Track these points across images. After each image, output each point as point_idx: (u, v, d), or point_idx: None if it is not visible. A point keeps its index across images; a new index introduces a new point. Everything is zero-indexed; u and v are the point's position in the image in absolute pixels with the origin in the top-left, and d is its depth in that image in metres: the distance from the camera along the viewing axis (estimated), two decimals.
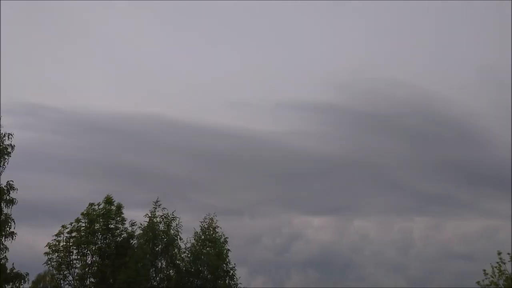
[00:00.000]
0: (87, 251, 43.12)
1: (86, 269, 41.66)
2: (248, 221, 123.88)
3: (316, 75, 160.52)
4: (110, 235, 43.47)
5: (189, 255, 46.68)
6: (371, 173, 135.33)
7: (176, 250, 45.36)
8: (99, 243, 43.08)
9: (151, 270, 43.78)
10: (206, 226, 47.80)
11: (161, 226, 45.08)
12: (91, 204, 43.82)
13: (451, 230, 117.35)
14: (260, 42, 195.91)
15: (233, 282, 47.29)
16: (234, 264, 47.90)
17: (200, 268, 46.11)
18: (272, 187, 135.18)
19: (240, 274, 49.72)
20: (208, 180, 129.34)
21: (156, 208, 45.25)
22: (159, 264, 44.66)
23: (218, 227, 47.89)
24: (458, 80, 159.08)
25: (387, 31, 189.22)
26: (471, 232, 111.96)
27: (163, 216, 45.27)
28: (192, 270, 46.05)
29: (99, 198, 44.69)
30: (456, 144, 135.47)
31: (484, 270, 49.24)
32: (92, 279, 42.88)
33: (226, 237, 47.83)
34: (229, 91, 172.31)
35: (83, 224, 43.35)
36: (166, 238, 44.85)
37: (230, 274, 47.29)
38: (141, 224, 44.69)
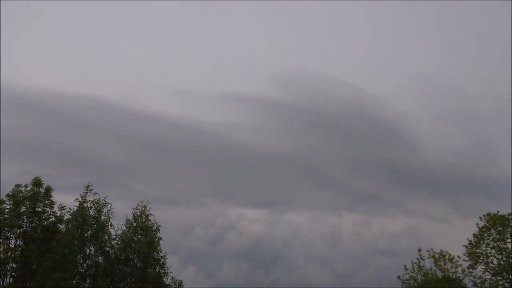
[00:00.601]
0: (10, 235, 41.06)
1: (9, 254, 39.66)
2: (182, 211, 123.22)
3: (260, 69, 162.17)
4: (36, 218, 41.44)
5: (119, 242, 45.85)
6: (306, 169, 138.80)
7: (106, 237, 44.27)
8: (24, 226, 41.11)
9: (79, 256, 42.48)
10: (138, 213, 47.14)
11: (92, 212, 43.80)
12: (18, 186, 41.67)
13: (377, 227, 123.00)
14: (208, 34, 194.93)
15: (163, 271, 47.05)
16: (166, 252, 47.73)
17: (131, 256, 45.44)
18: (208, 178, 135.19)
19: (172, 263, 49.53)
20: (145, 168, 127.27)
21: (87, 193, 43.90)
22: (88, 250, 43.41)
23: (150, 214, 47.44)
24: (395, 84, 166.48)
25: (332, 31, 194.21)
26: (395, 230, 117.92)
27: (94, 202, 43.99)
28: (122, 257, 45.29)
29: (28, 180, 42.68)
30: (388, 145, 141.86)
31: (405, 266, 52.32)
32: (14, 265, 40.96)
33: (159, 225, 47.50)
34: (173, 79, 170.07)
35: (8, 206, 41.24)
36: (96, 224, 43.65)
37: (161, 262, 47.01)
38: (70, 208, 43.18)
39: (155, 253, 46.51)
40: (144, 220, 47.02)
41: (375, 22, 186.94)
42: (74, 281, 40.37)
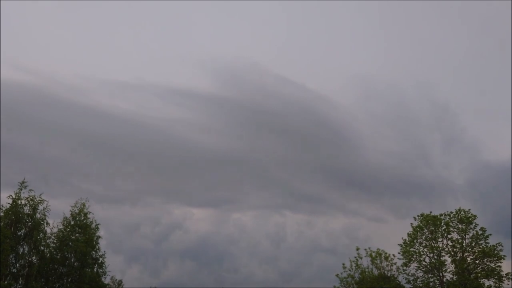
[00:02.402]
0: None
1: None
2: (128, 210, 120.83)
3: (208, 65, 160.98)
4: None
5: (55, 241, 44.34)
6: (251, 169, 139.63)
7: (41, 235, 42.68)
8: None
9: (11, 256, 40.71)
10: (76, 211, 45.77)
11: (26, 209, 42.09)
12: None
13: (320, 226, 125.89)
14: (156, 29, 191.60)
15: (102, 270, 45.94)
16: (104, 251, 46.64)
17: (67, 255, 44.05)
18: (155, 176, 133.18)
19: (116, 262, 48.57)
20: (89, 165, 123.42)
21: (21, 189, 42.14)
22: (21, 249, 41.67)
23: (90, 212, 46.19)
24: (339, 84, 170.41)
25: (281, 30, 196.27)
26: (336, 229, 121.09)
27: (29, 199, 42.29)
28: (58, 256, 43.83)
29: None
30: (332, 146, 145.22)
31: (343, 264, 53.92)
32: None
33: (98, 224, 46.34)
34: (121, 74, 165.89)
35: None
36: (30, 222, 41.99)
37: (99, 262, 45.90)
38: (2, 206, 41.37)
39: (93, 252, 45.33)
40: (82, 218, 45.69)
41: (324, 22, 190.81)
42: (5, 282, 38.74)
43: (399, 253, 50.59)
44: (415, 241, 50.05)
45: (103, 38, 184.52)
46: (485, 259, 46.95)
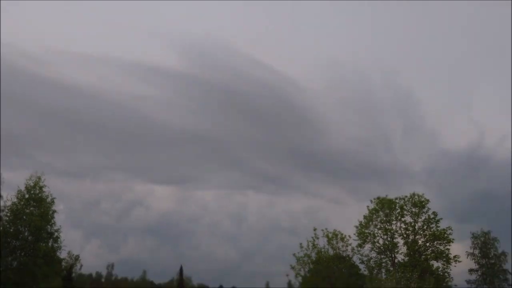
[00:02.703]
0: None
1: None
2: (89, 185, 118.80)
3: (177, 43, 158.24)
4: None
5: (8, 214, 43.29)
6: (215, 148, 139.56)
7: None
8: None
9: None
10: (32, 184, 44.71)
11: None
12: None
13: (281, 207, 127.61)
14: (124, 4, 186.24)
15: (56, 245, 45.26)
16: (60, 226, 45.89)
17: (21, 229, 43.15)
18: (118, 152, 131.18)
19: (75, 237, 47.70)
20: (50, 138, 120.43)
21: None
22: None
23: (45, 186, 45.19)
24: (308, 68, 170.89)
25: (253, 11, 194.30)
26: (297, 210, 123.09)
27: None
28: (11, 230, 42.88)
29: None
30: (297, 129, 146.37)
31: (301, 244, 55.00)
32: None
33: (54, 198, 45.42)
34: (84, 44, 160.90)
35: None
36: None
37: (55, 236, 45.18)
38: None
39: (48, 226, 44.53)
40: (37, 191, 44.69)
41: (296, 7, 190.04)
42: None
43: (354, 234, 51.94)
44: (370, 223, 51.41)
45: (68, 10, 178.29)
46: (435, 242, 48.82)
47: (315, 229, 53.51)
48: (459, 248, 55.56)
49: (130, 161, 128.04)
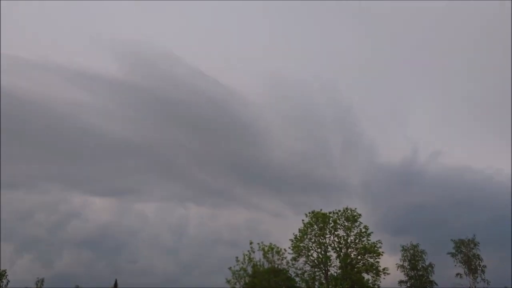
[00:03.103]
0: None
1: None
2: (22, 195, 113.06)
3: (119, 50, 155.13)
4: None
5: None
6: (155, 159, 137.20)
7: None
8: None
9: None
10: None
11: None
12: None
13: (222, 220, 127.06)
14: (67, 4, 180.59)
15: None
16: None
17: None
18: (53, 162, 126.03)
19: (5, 251, 44.96)
20: None
21: None
22: None
23: None
24: (253, 81, 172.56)
25: (199, 22, 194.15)
26: (238, 223, 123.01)
27: None
28: None
29: None
30: (239, 142, 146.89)
31: (237, 258, 54.88)
32: None
33: None
34: (23, 48, 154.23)
35: None
36: None
37: None
38: None
39: None
40: None
41: (241, 20, 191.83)
42: None
43: (289, 247, 52.61)
44: (305, 236, 52.31)
45: (8, 11, 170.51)
46: (366, 255, 50.38)
47: (251, 243, 53.79)
48: (392, 260, 57.55)
49: (67, 171, 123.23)
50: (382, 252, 50.35)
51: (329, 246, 51.41)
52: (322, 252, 51.28)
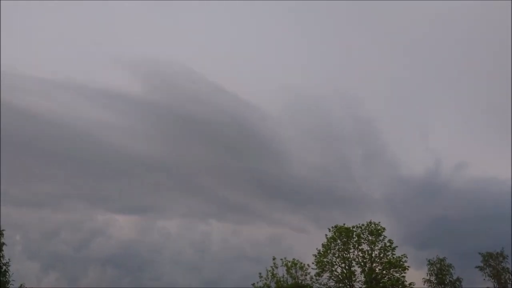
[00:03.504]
0: None
1: None
2: (48, 214, 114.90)
3: (140, 69, 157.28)
4: None
5: None
6: (179, 177, 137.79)
7: None
8: None
9: None
10: None
11: None
12: None
13: (244, 236, 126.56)
14: (89, 24, 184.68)
15: (4, 279, 43.34)
16: (9, 259, 43.98)
17: None
18: (78, 180, 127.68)
19: (31, 269, 45.52)
20: (6, 167, 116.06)
21: None
22: None
23: None
24: (269, 94, 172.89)
25: (217, 38, 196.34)
26: (261, 239, 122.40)
27: None
28: None
29: None
30: (259, 157, 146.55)
31: (260, 273, 54.59)
32: None
33: (3, 230, 43.68)
34: (46, 68, 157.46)
35: None
36: None
37: (3, 270, 43.29)
38: None
39: None
40: None
41: (260, 34, 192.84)
42: None
43: (313, 263, 52.11)
44: (328, 251, 51.78)
45: (30, 31, 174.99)
46: (391, 270, 49.55)
47: (274, 258, 53.41)
48: (417, 274, 56.49)
49: (91, 190, 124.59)
50: (408, 266, 49.49)
51: (353, 261, 50.72)
52: (346, 267, 50.62)
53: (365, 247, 51.13)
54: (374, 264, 50.27)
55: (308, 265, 52.49)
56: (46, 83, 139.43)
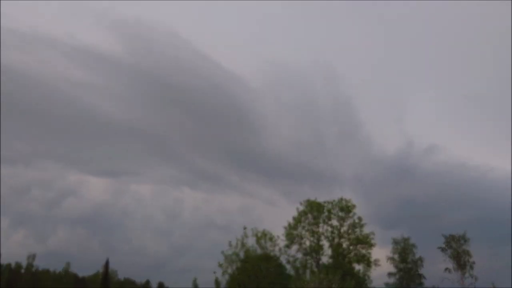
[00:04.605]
0: None
1: None
2: (20, 171, 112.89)
3: (124, 29, 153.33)
4: None
5: None
6: (154, 142, 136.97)
7: None
8: None
9: None
10: None
11: None
12: None
13: (216, 205, 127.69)
14: None
15: None
16: None
17: None
18: (51, 139, 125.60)
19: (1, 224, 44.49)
20: None
21: None
22: None
23: None
24: (255, 69, 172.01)
25: (206, 6, 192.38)
26: (232, 208, 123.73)
27: None
28: None
29: None
30: (237, 128, 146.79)
31: (230, 242, 55.32)
32: None
33: None
34: (23, 23, 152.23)
35: None
36: None
37: None
38: None
39: None
40: None
41: (251, 6, 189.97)
42: None
43: (282, 234, 52.96)
44: (298, 224, 52.65)
45: None
46: (358, 246, 50.89)
47: (245, 228, 54.08)
48: (382, 252, 58.11)
49: (64, 150, 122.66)
50: (374, 243, 50.88)
51: (322, 235, 51.84)
52: (315, 241, 51.70)
53: (334, 222, 52.26)
54: (342, 240, 51.47)
55: (277, 236, 53.44)
56: (25, 37, 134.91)
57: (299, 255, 51.87)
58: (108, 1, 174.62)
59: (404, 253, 57.24)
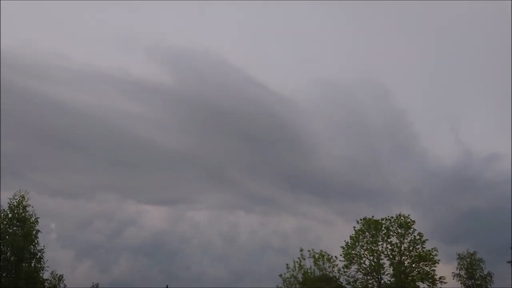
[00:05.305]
0: None
1: None
2: (82, 204, 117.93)
3: (171, 60, 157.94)
4: None
5: None
6: (207, 169, 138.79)
7: None
8: None
9: None
10: (15, 204, 44.17)
11: None
12: None
13: (271, 227, 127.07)
14: (123, 10, 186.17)
15: (39, 265, 44.57)
16: (44, 246, 45.15)
17: (3, 249, 42.46)
18: (110, 172, 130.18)
19: (65, 257, 46.61)
20: (42, 158, 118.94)
21: None
22: None
23: (29, 205, 44.57)
24: (300, 86, 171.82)
25: (249, 29, 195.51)
26: (287, 230, 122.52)
27: None
28: None
29: None
30: (288, 149, 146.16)
31: (287, 265, 54.78)
32: None
33: (37, 217, 44.79)
34: (76, 58, 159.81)
35: None
36: None
37: (38, 256, 44.51)
38: None
39: (32, 247, 43.86)
40: (21, 211, 44.13)
41: (293, 25, 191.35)
42: None
43: (340, 255, 51.88)
44: (356, 244, 51.45)
45: (61, 20, 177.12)
46: (421, 263, 48.95)
47: (301, 250, 53.49)
48: (447, 269, 55.70)
49: (123, 181, 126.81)
50: (438, 260, 48.81)
51: (381, 254, 50.28)
52: (375, 260, 50.22)
53: (394, 239, 50.62)
54: (403, 257, 49.72)
55: (335, 257, 52.41)
56: (78, 74, 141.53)
57: (359, 275, 50.51)
58: (155, 34, 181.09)
59: (471, 269, 54.64)
